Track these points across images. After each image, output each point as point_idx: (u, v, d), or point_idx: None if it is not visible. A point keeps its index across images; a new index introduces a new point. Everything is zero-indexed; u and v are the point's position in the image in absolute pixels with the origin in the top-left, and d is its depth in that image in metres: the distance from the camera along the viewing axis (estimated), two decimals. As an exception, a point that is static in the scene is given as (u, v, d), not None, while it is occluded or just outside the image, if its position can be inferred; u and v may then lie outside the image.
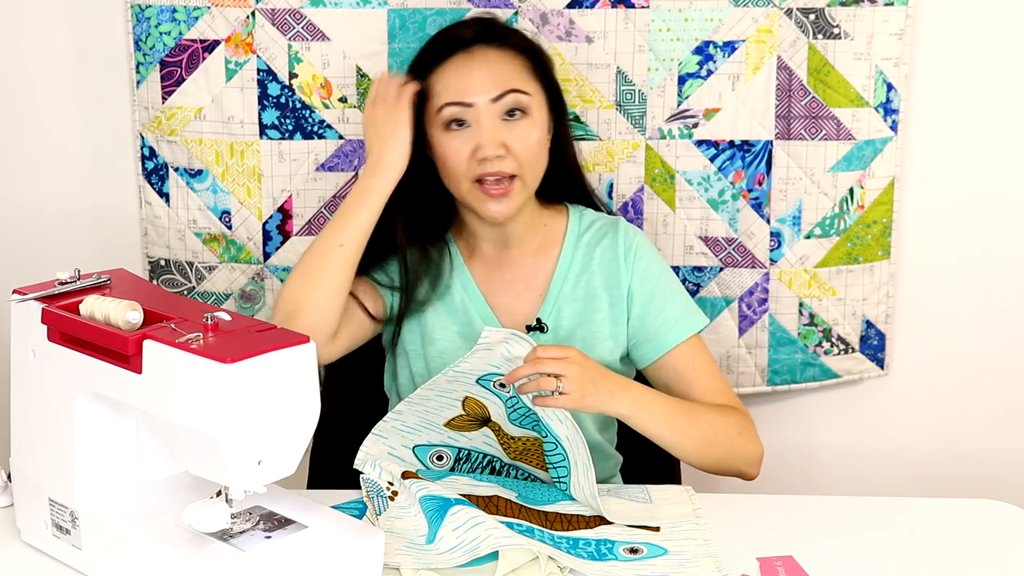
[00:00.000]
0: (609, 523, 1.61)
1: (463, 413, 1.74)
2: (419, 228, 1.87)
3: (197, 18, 2.09)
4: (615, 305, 1.87)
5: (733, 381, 2.25)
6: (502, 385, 1.71)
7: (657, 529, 1.59)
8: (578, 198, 1.96)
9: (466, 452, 1.76)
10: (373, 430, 1.74)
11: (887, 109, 2.16)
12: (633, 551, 1.54)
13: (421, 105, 1.82)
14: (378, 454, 1.73)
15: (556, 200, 1.94)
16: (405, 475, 1.66)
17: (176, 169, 2.16)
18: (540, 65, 1.86)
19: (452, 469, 1.77)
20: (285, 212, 2.17)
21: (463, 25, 1.88)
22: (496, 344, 1.68)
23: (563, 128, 1.90)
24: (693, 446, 1.76)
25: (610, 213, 1.98)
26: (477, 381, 1.72)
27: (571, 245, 1.90)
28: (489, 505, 1.62)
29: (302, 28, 2.10)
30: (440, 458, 1.76)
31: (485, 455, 1.77)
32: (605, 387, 1.67)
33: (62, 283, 1.50)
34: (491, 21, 1.89)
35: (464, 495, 1.62)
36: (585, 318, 1.87)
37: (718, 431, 1.78)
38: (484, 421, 1.75)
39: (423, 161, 1.85)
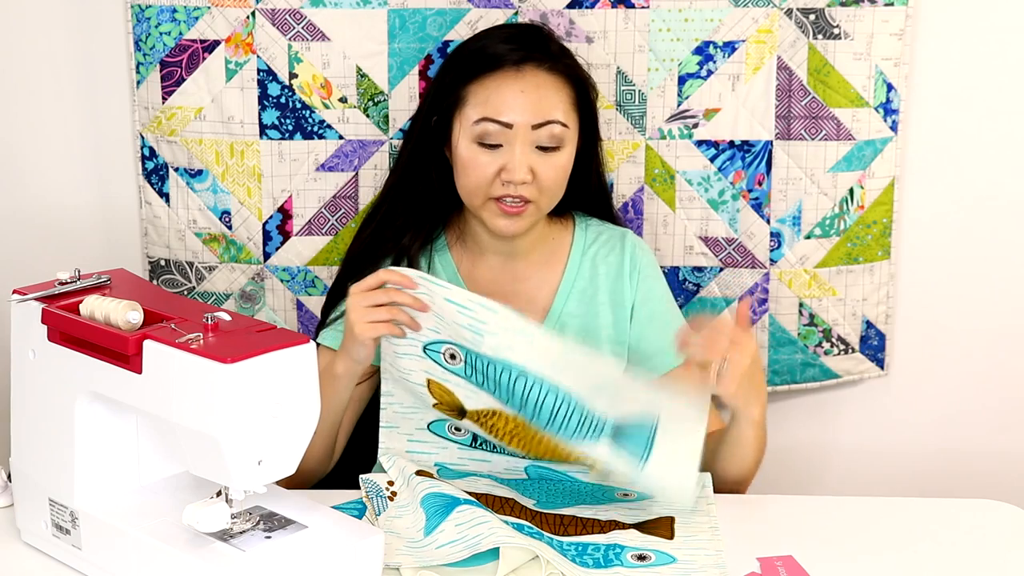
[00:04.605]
0: (624, 527, 1.60)
1: (437, 401, 1.69)
2: (415, 232, 1.86)
3: (197, 18, 2.09)
4: (618, 324, 1.87)
5: (733, 381, 2.25)
6: (452, 356, 1.65)
7: (671, 536, 1.58)
8: (595, 212, 1.95)
9: (471, 435, 1.73)
10: (381, 423, 1.73)
11: (887, 109, 2.16)
12: (641, 558, 1.53)
13: (452, 107, 1.79)
14: (398, 449, 1.71)
15: (565, 211, 1.92)
16: (419, 474, 1.65)
17: (176, 169, 2.16)
18: (584, 95, 1.83)
19: (474, 441, 1.73)
20: (285, 212, 2.17)
21: (514, 38, 1.82)
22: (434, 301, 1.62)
23: (594, 152, 1.89)
24: (756, 456, 1.73)
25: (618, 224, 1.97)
26: (424, 351, 1.65)
27: (576, 260, 1.89)
28: (504, 507, 1.61)
29: (302, 28, 2.10)
30: (458, 429, 1.72)
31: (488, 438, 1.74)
32: (753, 391, 1.63)
33: (62, 283, 1.50)
34: (545, 38, 1.84)
35: (479, 494, 1.61)
36: (588, 335, 1.85)
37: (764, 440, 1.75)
38: (460, 411, 1.69)
39: (432, 163, 1.84)
